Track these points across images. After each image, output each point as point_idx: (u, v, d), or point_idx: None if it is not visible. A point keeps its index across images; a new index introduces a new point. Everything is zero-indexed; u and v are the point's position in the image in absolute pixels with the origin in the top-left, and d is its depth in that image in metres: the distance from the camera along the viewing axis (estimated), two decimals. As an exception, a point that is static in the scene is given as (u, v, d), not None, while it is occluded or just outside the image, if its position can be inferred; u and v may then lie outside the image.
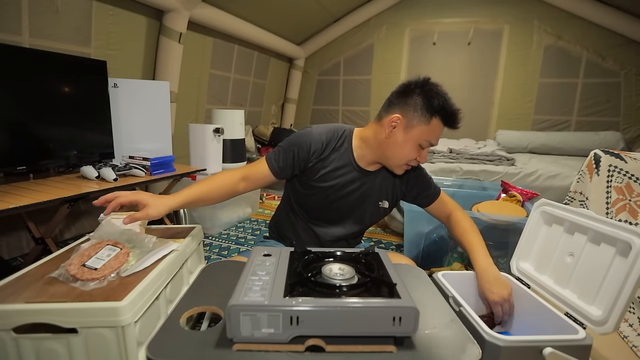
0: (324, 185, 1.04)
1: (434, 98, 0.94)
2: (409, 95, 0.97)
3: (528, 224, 0.98)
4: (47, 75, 1.72)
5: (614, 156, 1.67)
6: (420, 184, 1.14)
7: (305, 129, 1.06)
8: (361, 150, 1.05)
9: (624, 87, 3.55)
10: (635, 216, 1.55)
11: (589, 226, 0.80)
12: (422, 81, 0.98)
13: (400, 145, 0.98)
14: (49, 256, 0.80)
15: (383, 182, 1.10)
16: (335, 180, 1.04)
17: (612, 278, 0.73)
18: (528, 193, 1.83)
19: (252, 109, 4.19)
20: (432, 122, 0.95)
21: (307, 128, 1.06)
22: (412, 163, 1.02)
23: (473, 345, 0.61)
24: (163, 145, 2.32)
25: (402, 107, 0.98)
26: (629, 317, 1.42)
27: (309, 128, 1.06)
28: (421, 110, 0.95)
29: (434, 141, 0.99)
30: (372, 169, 1.08)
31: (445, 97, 0.95)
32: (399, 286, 0.62)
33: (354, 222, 1.11)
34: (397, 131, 0.98)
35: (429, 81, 0.98)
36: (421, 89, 0.96)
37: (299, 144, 1.02)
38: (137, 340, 0.61)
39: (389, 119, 0.99)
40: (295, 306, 0.56)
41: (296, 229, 1.13)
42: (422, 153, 1.00)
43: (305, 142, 1.02)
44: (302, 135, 1.03)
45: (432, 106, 0.94)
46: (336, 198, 1.06)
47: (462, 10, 4.01)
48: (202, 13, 2.83)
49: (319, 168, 1.03)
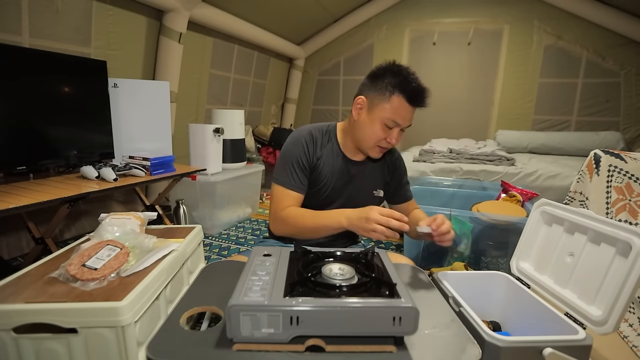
0: (321, 181, 1.07)
1: (395, 76, 0.96)
2: (374, 77, 1.01)
3: (528, 224, 0.98)
4: (47, 75, 1.72)
5: (614, 156, 1.67)
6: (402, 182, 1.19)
7: (292, 136, 1.09)
8: (344, 141, 1.10)
9: (624, 87, 3.55)
10: (635, 216, 1.55)
11: (589, 226, 0.80)
12: (387, 64, 1.01)
13: (367, 125, 1.01)
14: (49, 256, 0.80)
15: (373, 171, 1.14)
16: (329, 174, 1.08)
17: (612, 278, 0.73)
18: (528, 193, 1.83)
19: (252, 109, 4.19)
20: (392, 100, 0.97)
21: (293, 134, 1.10)
22: (383, 144, 1.03)
23: (473, 345, 0.61)
24: (163, 145, 2.32)
25: (367, 89, 1.02)
26: (629, 317, 1.42)
27: (295, 133, 1.10)
28: (382, 90, 0.98)
29: (398, 120, 0.98)
30: (359, 158, 1.11)
31: (407, 75, 0.97)
32: (399, 286, 0.62)
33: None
34: (363, 112, 1.02)
35: (394, 63, 1.01)
36: (384, 70, 1.00)
37: (298, 152, 1.05)
38: (137, 340, 0.61)
39: (355, 101, 1.04)
40: (295, 306, 0.56)
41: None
42: (390, 133, 1.01)
43: (302, 147, 1.05)
44: (294, 142, 1.07)
45: (391, 84, 0.96)
46: (333, 192, 1.09)
47: (462, 10, 4.00)
48: (202, 13, 2.83)
49: (315, 165, 1.07)
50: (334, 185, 1.08)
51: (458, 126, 4.13)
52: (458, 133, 3.99)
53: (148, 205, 2.32)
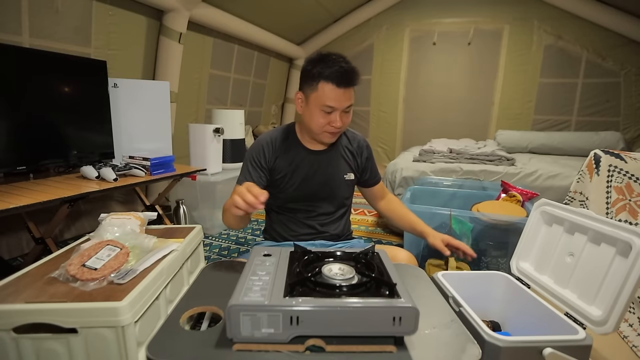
0: (288, 178, 1.14)
1: (315, 65, 1.01)
2: (303, 72, 1.07)
3: (528, 224, 0.98)
4: (47, 75, 1.72)
5: (614, 156, 1.67)
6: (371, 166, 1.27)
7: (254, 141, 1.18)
8: (302, 135, 1.17)
9: (624, 87, 3.55)
10: (635, 216, 1.55)
11: (589, 226, 0.80)
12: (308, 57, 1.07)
13: (309, 116, 1.07)
14: (49, 256, 0.80)
15: (339, 157, 1.20)
16: (293, 168, 1.14)
17: (612, 278, 0.73)
18: (528, 193, 1.83)
19: (252, 109, 4.19)
20: (319, 87, 1.01)
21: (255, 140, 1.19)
22: (329, 129, 1.07)
23: (473, 346, 0.61)
24: (163, 145, 2.32)
25: (301, 84, 1.08)
26: (629, 317, 1.42)
27: (257, 139, 1.18)
28: (310, 80, 1.03)
29: (330, 103, 1.02)
30: (321, 147, 1.17)
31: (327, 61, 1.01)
32: (399, 286, 0.62)
33: (330, 202, 1.20)
34: (301, 105, 1.09)
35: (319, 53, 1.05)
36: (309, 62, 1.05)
37: (252, 154, 1.13)
38: (137, 340, 0.61)
39: (295, 97, 1.11)
40: (295, 306, 0.56)
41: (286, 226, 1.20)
42: (331, 117, 1.05)
43: (258, 149, 1.13)
44: (254, 146, 1.15)
45: (315, 73, 1.01)
46: (302, 183, 1.15)
47: (462, 10, 4.01)
48: (202, 13, 2.83)
49: (278, 164, 1.14)
50: (302, 177, 1.14)
51: (458, 126, 4.14)
52: (458, 133, 3.99)
53: (148, 205, 2.32)
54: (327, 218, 1.19)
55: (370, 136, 4.65)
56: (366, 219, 2.95)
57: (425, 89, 4.34)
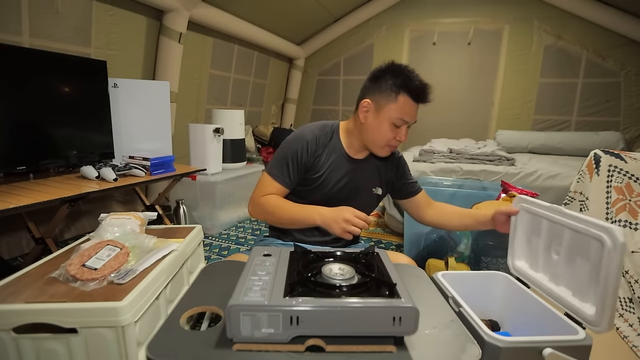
0: (322, 179, 1.10)
1: (398, 77, 0.99)
2: (376, 79, 1.03)
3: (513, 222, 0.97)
4: (47, 75, 1.72)
5: (614, 156, 1.67)
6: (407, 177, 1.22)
7: (295, 132, 1.12)
8: (348, 140, 1.12)
9: (624, 87, 3.55)
10: (635, 216, 1.55)
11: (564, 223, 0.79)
12: (386, 65, 1.03)
13: (376, 127, 1.03)
14: (49, 256, 0.80)
15: (373, 169, 1.16)
16: (331, 172, 1.10)
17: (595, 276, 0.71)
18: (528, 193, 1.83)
19: (252, 109, 4.19)
20: (399, 100, 0.99)
21: (297, 131, 1.12)
22: (393, 143, 1.06)
23: (473, 346, 0.61)
24: (163, 145, 2.32)
25: (371, 92, 1.04)
26: (629, 317, 1.42)
27: (299, 130, 1.12)
28: (387, 91, 1.00)
29: (406, 118, 1.02)
30: (361, 156, 1.14)
31: (409, 74, 1.00)
32: (399, 286, 0.62)
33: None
34: (370, 114, 1.04)
35: (393, 63, 1.03)
36: (385, 71, 1.02)
37: (296, 148, 1.07)
38: (137, 340, 0.61)
39: (361, 105, 1.06)
40: (295, 306, 0.56)
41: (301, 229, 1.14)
42: (399, 132, 1.04)
43: (302, 144, 1.07)
44: (296, 139, 1.09)
45: (396, 84, 0.99)
46: (335, 188, 1.11)
47: (462, 10, 4.00)
48: (202, 13, 2.83)
49: (316, 164, 1.09)
50: (336, 182, 1.10)
51: (458, 126, 4.13)
52: (458, 133, 3.98)
53: (148, 205, 2.32)
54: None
55: (370, 136, 4.64)
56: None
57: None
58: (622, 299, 1.47)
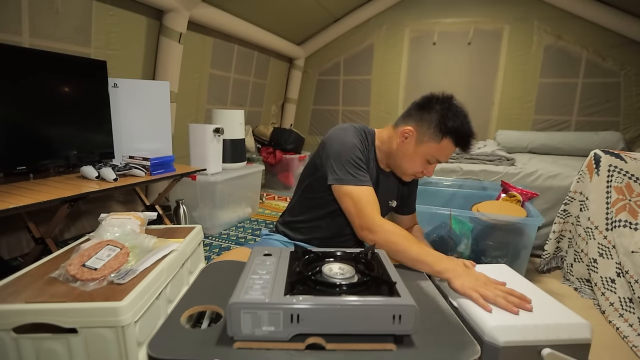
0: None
1: (450, 119, 0.95)
2: (427, 110, 0.99)
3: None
4: (47, 75, 1.72)
5: (614, 156, 1.67)
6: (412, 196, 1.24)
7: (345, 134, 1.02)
8: (380, 152, 1.10)
9: (623, 87, 3.55)
10: (635, 216, 1.55)
11: None
12: (443, 98, 0.99)
13: (410, 157, 1.02)
14: (49, 256, 0.80)
15: (394, 182, 1.16)
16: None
17: None
18: (528, 193, 1.83)
19: (252, 109, 4.19)
20: (443, 142, 0.97)
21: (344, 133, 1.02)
22: (418, 175, 1.06)
23: (472, 344, 0.61)
24: (163, 145, 2.32)
25: (418, 120, 1.00)
26: (629, 317, 1.42)
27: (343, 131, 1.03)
28: (435, 128, 0.96)
29: (442, 159, 1.01)
30: (387, 169, 1.14)
31: (462, 119, 0.96)
32: (398, 285, 0.62)
33: None
34: (409, 143, 1.01)
35: (451, 100, 0.98)
36: (440, 105, 0.97)
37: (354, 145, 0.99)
38: (137, 340, 0.61)
39: (402, 129, 1.01)
40: (295, 304, 0.56)
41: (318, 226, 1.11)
42: (429, 168, 1.03)
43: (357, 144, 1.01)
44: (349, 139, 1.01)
45: (446, 126, 0.95)
46: None
47: (462, 10, 4.00)
48: (202, 13, 2.83)
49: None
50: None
51: (458, 126, 4.12)
52: (458, 133, 3.98)
53: (148, 205, 2.32)
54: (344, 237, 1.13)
55: (370, 136, 4.64)
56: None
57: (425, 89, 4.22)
58: (622, 299, 1.47)
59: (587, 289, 1.69)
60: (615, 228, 1.57)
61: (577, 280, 1.75)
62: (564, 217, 1.87)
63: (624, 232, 1.53)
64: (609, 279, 1.54)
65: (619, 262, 1.52)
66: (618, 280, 1.51)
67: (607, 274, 1.55)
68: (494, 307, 0.73)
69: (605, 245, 1.58)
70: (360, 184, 0.96)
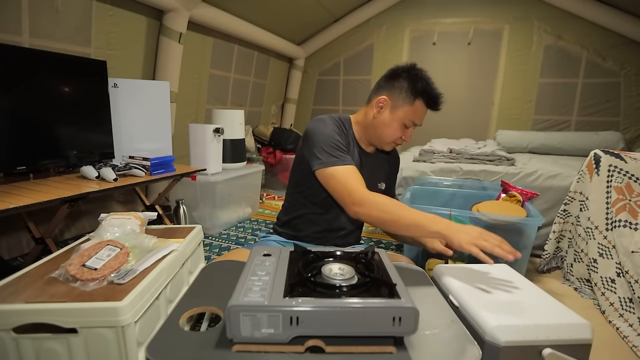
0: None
1: (418, 81, 1.02)
2: (396, 78, 1.06)
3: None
4: (47, 75, 1.72)
5: (614, 156, 1.67)
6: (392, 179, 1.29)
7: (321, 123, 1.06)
8: (359, 133, 1.15)
9: (624, 87, 3.55)
10: (635, 216, 1.55)
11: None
12: (408, 66, 1.06)
13: (387, 124, 1.07)
14: (49, 256, 0.80)
15: (380, 163, 1.20)
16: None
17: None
18: (528, 193, 1.83)
19: (252, 109, 4.19)
20: (415, 104, 1.03)
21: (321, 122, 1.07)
22: (399, 141, 1.10)
23: (473, 346, 0.61)
24: (163, 145, 2.32)
25: (389, 89, 1.06)
26: (629, 317, 1.42)
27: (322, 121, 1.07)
28: (406, 92, 1.03)
29: (417, 121, 1.07)
30: (371, 150, 1.17)
31: (428, 81, 1.03)
32: (398, 286, 0.62)
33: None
34: (384, 111, 1.07)
35: (415, 66, 1.06)
36: (407, 72, 1.05)
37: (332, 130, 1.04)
38: (137, 341, 0.61)
39: (376, 100, 1.08)
40: (295, 306, 0.56)
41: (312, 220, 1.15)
42: (406, 132, 1.08)
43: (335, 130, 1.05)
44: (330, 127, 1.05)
45: (415, 89, 1.02)
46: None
47: (462, 10, 4.00)
48: (202, 13, 2.83)
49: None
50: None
51: (458, 126, 4.13)
52: (458, 133, 3.98)
53: (148, 205, 2.32)
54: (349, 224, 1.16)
55: (370, 136, 4.64)
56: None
57: None
58: (622, 299, 1.47)
59: (587, 289, 1.69)
60: (615, 228, 1.57)
61: (577, 280, 1.75)
62: (564, 217, 1.87)
63: (624, 232, 1.53)
64: (609, 279, 1.54)
65: (619, 262, 1.52)
66: (618, 280, 1.51)
67: (607, 274, 1.55)
68: (493, 307, 0.73)
69: (605, 245, 1.58)
70: (343, 163, 0.99)
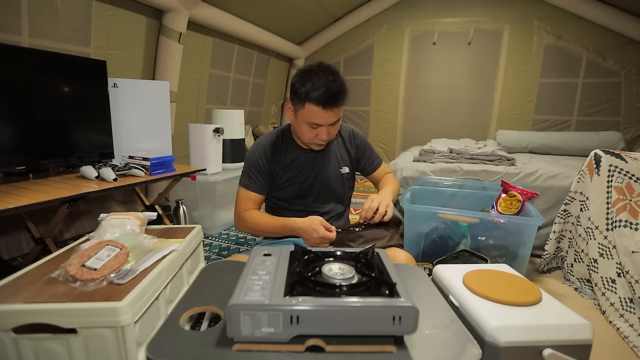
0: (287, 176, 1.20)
1: (304, 85, 1.03)
2: (292, 85, 1.09)
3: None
4: (47, 75, 1.72)
5: (614, 156, 1.67)
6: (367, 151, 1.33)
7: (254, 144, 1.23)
8: (296, 136, 1.21)
9: (624, 87, 3.55)
10: (635, 216, 1.55)
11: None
12: (300, 71, 1.07)
13: (298, 128, 1.13)
14: (48, 256, 0.80)
15: (333, 153, 1.24)
16: (292, 167, 1.20)
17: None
18: (528, 193, 1.82)
19: (252, 109, 4.19)
20: (306, 107, 1.04)
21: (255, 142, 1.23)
22: (317, 140, 1.12)
23: (473, 346, 0.61)
24: (163, 145, 2.32)
25: (291, 95, 1.12)
26: (629, 317, 1.42)
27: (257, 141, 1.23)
28: (298, 97, 1.06)
29: (318, 121, 1.06)
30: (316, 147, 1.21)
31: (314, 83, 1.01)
32: (398, 286, 0.62)
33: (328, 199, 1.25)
34: (292, 117, 1.14)
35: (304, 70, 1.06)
36: (297, 77, 1.06)
37: (255, 157, 1.18)
38: (136, 341, 0.61)
39: (286, 107, 1.16)
40: (295, 305, 0.56)
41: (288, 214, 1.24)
42: (318, 132, 1.09)
43: (259, 152, 1.18)
44: (256, 148, 1.20)
45: (299, 94, 1.05)
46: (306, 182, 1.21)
47: (462, 10, 4.01)
48: (202, 13, 2.83)
49: (278, 165, 1.20)
50: (299, 175, 1.20)
51: (458, 126, 4.13)
52: (458, 133, 3.98)
53: (148, 205, 2.32)
54: (325, 216, 1.21)
55: (370, 136, 4.65)
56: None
57: (425, 89, 4.34)
58: (622, 299, 1.47)
59: (587, 289, 1.69)
60: (616, 228, 1.56)
61: (578, 281, 1.75)
62: (564, 217, 1.86)
63: (624, 232, 1.53)
64: (610, 279, 1.54)
65: (620, 262, 1.52)
66: (618, 281, 1.51)
67: (608, 274, 1.55)
68: (493, 308, 0.73)
69: (606, 245, 1.58)
70: (242, 186, 1.19)
